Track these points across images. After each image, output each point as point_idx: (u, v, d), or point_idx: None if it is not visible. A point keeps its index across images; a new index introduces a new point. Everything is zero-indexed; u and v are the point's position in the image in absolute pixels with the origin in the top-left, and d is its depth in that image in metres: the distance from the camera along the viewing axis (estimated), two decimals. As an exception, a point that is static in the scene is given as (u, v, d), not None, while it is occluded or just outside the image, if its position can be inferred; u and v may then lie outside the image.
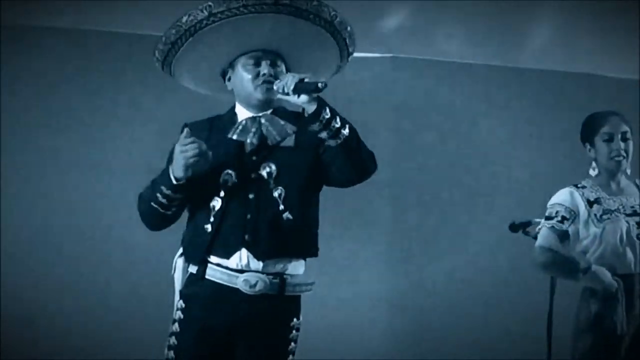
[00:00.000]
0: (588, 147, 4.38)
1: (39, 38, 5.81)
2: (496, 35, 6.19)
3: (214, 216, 3.35)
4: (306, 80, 3.23)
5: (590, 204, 4.32)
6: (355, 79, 5.87)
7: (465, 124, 6.26)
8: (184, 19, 3.34)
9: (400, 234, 6.21)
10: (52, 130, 5.84)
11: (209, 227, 3.35)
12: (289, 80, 3.23)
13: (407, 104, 6.23)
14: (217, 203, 3.36)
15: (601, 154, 4.34)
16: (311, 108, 3.22)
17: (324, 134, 3.25)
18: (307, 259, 3.47)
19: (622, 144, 4.31)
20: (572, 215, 4.33)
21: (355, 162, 3.31)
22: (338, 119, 3.24)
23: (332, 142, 3.26)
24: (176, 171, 3.30)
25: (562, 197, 4.35)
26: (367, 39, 5.75)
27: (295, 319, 3.41)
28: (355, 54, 3.61)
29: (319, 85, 3.19)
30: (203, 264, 3.37)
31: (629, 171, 4.37)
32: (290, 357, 3.40)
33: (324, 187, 3.50)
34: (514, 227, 4.52)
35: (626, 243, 4.26)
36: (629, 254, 4.26)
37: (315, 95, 3.22)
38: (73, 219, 5.82)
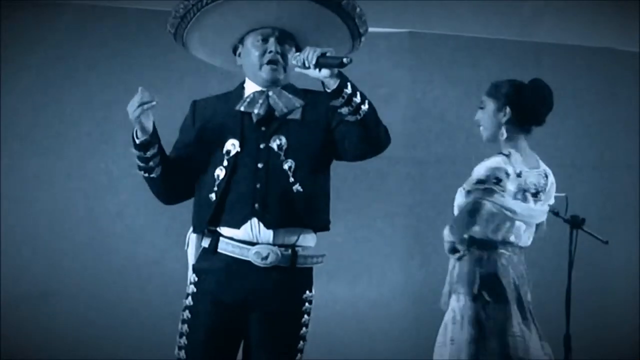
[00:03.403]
0: None
1: (40, 13, 5.77)
2: (513, 9, 6.18)
3: (217, 185, 3.38)
4: (328, 54, 3.19)
5: None
6: (372, 54, 5.85)
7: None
8: None
9: (419, 215, 6.17)
10: (53, 112, 5.82)
11: (213, 196, 3.38)
12: (310, 54, 3.18)
13: (425, 79, 6.21)
14: (221, 172, 3.38)
15: None
16: (332, 83, 3.19)
17: (344, 110, 3.22)
18: (324, 237, 3.47)
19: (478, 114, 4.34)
20: None
21: (371, 138, 3.30)
22: (359, 95, 3.23)
23: (351, 118, 3.24)
24: (136, 131, 3.33)
25: None
26: (385, 14, 5.73)
27: (307, 291, 3.42)
28: (373, 29, 3.58)
29: (344, 60, 3.15)
30: (215, 238, 3.39)
31: (504, 136, 4.29)
32: (304, 329, 3.41)
33: (345, 171, 3.49)
34: None
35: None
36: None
37: (337, 70, 3.19)
38: (84, 205, 5.82)
